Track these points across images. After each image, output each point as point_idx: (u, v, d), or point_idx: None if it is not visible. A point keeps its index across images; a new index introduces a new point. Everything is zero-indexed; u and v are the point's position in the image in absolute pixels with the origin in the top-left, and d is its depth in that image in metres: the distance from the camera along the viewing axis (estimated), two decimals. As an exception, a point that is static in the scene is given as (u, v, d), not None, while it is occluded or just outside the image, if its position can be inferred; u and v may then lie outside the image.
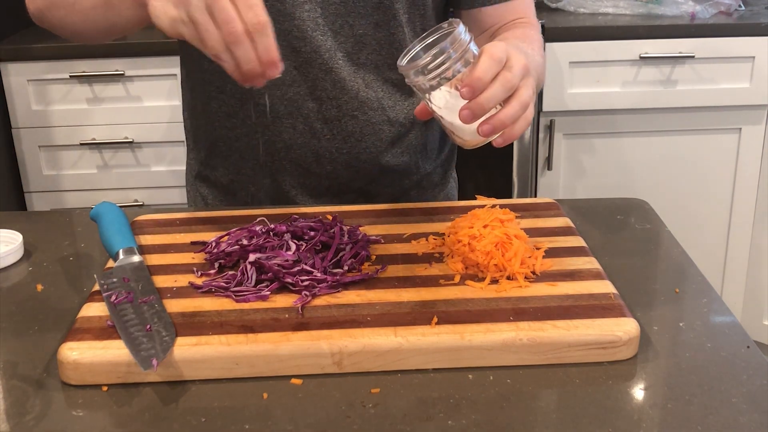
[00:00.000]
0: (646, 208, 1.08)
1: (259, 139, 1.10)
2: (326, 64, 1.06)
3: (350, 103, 1.09)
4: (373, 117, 1.10)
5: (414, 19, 1.10)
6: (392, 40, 1.08)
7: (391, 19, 1.07)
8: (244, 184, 1.16)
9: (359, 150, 1.11)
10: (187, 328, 0.76)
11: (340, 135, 1.10)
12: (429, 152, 1.20)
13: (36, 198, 2.31)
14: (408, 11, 1.09)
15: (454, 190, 1.30)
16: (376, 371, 0.73)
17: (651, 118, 2.23)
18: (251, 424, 0.67)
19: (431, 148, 1.20)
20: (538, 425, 0.67)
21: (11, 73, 2.16)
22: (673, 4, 2.24)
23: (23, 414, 0.69)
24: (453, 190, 1.29)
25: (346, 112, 1.09)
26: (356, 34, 1.07)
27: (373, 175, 1.14)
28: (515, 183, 2.27)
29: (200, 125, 1.17)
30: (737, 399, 0.69)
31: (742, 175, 2.27)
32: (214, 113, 1.12)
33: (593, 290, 0.81)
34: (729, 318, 0.82)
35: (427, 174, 1.21)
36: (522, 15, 1.14)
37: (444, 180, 1.25)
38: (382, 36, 1.08)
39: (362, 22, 1.06)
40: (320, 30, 1.05)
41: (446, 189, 1.26)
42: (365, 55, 1.08)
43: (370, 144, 1.11)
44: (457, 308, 0.78)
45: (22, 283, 0.92)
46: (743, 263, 2.35)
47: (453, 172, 1.30)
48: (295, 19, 1.04)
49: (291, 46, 1.05)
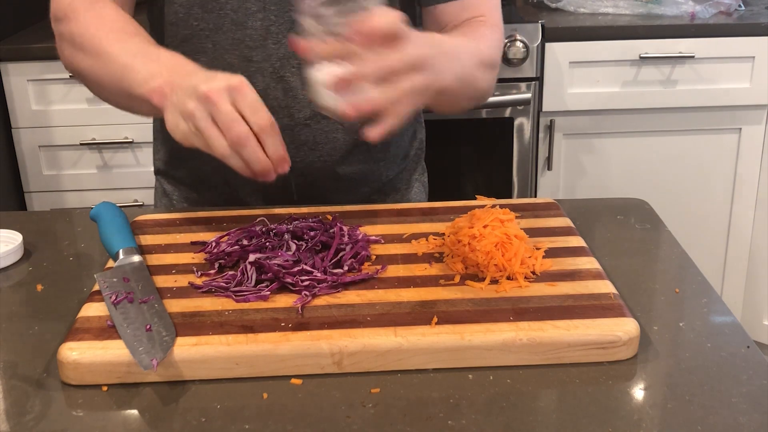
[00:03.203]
0: (646, 208, 1.08)
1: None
2: (277, 72, 1.06)
3: (302, 111, 1.08)
4: (327, 126, 1.09)
5: None
6: None
7: None
8: (204, 187, 1.16)
9: (313, 159, 1.09)
10: (187, 328, 0.76)
11: (293, 144, 1.08)
12: (392, 158, 1.18)
13: (36, 198, 2.31)
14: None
15: (422, 195, 1.26)
16: (376, 371, 0.73)
17: (651, 118, 2.23)
18: (251, 424, 0.67)
19: (394, 154, 1.18)
20: (538, 425, 0.67)
21: (11, 73, 2.16)
22: (673, 4, 2.24)
23: (23, 414, 0.69)
24: (419, 195, 1.25)
25: (298, 121, 1.08)
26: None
27: (328, 184, 1.12)
28: (515, 183, 2.28)
29: (163, 127, 1.16)
30: (737, 399, 0.69)
31: (742, 175, 2.27)
32: None
33: (593, 290, 0.81)
34: (729, 318, 0.82)
35: (389, 180, 1.19)
36: (481, 13, 1.09)
37: (408, 185, 1.23)
38: None
39: None
40: (272, 38, 1.04)
41: (409, 194, 1.23)
42: None
43: (324, 153, 1.09)
44: (457, 308, 0.78)
45: (22, 283, 0.92)
46: (743, 263, 2.35)
47: (422, 177, 1.27)
48: (248, 28, 1.04)
49: (243, 55, 1.05)
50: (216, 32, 1.05)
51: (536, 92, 2.19)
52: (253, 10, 1.03)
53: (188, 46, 1.07)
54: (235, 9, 1.04)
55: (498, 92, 2.16)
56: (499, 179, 2.28)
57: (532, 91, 2.17)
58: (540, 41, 2.14)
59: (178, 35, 1.07)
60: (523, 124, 2.21)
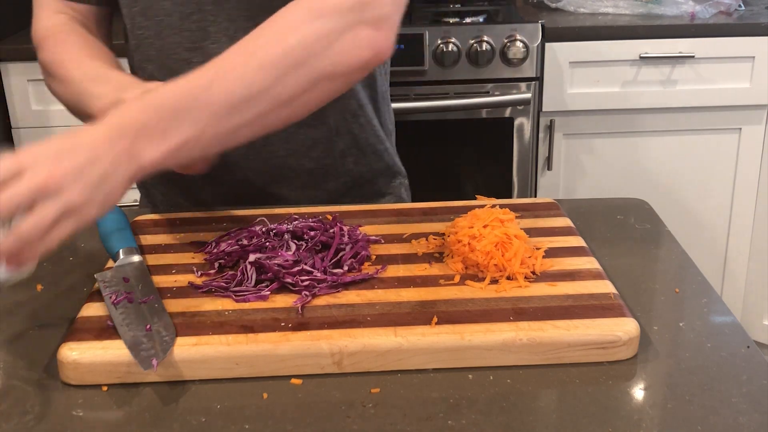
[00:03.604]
0: (646, 208, 1.08)
1: None
2: None
3: None
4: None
5: None
6: None
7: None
8: (172, 191, 1.16)
9: (267, 155, 1.08)
10: (187, 328, 0.76)
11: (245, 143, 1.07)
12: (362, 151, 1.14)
13: (36, 198, 2.30)
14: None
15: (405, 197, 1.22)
16: (376, 371, 0.73)
17: (651, 118, 2.23)
18: (251, 424, 0.67)
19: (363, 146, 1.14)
20: (538, 425, 0.67)
21: (11, 73, 2.16)
22: (673, 4, 2.24)
23: (23, 414, 0.69)
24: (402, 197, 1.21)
25: None
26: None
27: (289, 179, 1.11)
28: (515, 183, 2.28)
29: None
30: (737, 399, 0.69)
31: (742, 175, 2.27)
32: None
33: (593, 290, 0.81)
34: (729, 318, 0.82)
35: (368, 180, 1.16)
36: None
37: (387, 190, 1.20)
38: None
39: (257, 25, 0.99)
40: (211, 38, 1.03)
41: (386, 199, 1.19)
42: None
43: (279, 148, 1.08)
44: (457, 308, 0.78)
45: (22, 283, 0.92)
46: (743, 263, 2.35)
47: (404, 180, 1.23)
48: (185, 31, 1.03)
49: (182, 58, 1.04)
50: (157, 38, 1.06)
51: (536, 92, 2.19)
52: (188, 11, 1.03)
53: (138, 54, 1.09)
54: (169, 13, 1.04)
55: (498, 92, 2.16)
56: (499, 179, 2.28)
57: (532, 91, 2.17)
58: (540, 41, 2.14)
59: (131, 46, 1.10)
60: (523, 124, 2.21)
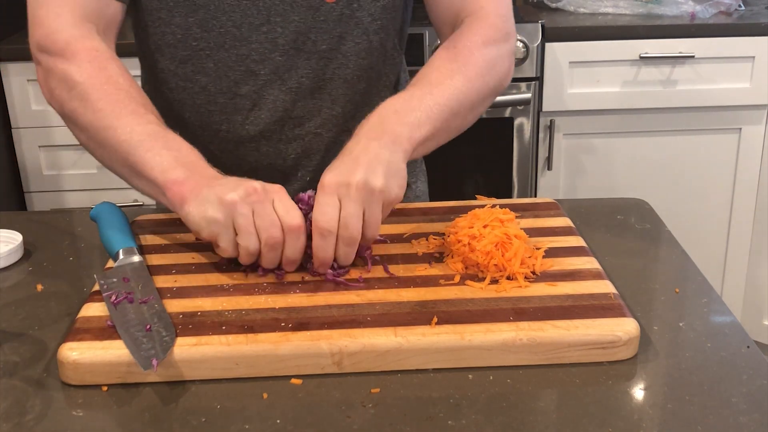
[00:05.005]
0: (646, 208, 1.08)
1: (224, 164, 0.97)
2: (286, 83, 1.04)
3: (313, 120, 1.07)
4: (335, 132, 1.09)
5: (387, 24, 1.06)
6: (358, 50, 1.05)
7: (354, 29, 1.03)
8: None
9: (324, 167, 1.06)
10: (187, 328, 0.76)
11: (304, 153, 1.09)
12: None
13: (36, 198, 2.30)
14: (374, 17, 1.04)
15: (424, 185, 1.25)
16: (376, 371, 0.73)
17: (651, 118, 2.23)
18: (251, 424, 0.67)
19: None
20: (538, 425, 0.67)
21: (11, 73, 2.16)
22: (673, 4, 2.24)
23: (23, 414, 0.69)
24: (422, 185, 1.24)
25: (309, 130, 1.08)
26: (320, 49, 1.03)
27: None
28: (515, 183, 2.28)
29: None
30: (737, 399, 0.69)
31: (742, 175, 2.27)
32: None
33: (593, 290, 0.81)
34: (729, 318, 0.82)
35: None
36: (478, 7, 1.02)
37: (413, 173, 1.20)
38: (348, 48, 1.04)
39: (325, 36, 1.03)
40: (279, 50, 1.02)
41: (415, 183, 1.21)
42: (331, 70, 1.05)
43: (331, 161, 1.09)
44: (457, 308, 0.78)
45: (22, 283, 0.92)
46: (743, 263, 2.35)
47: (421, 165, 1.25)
48: (252, 43, 1.02)
49: (249, 70, 1.03)
50: (218, 50, 1.02)
51: (536, 92, 2.19)
52: (257, 23, 1.01)
53: (188, 67, 1.04)
54: (237, 25, 1.01)
55: (498, 92, 2.16)
56: (499, 179, 2.28)
57: (532, 91, 2.17)
58: (540, 41, 2.14)
59: (177, 57, 1.04)
60: (523, 124, 2.21)
